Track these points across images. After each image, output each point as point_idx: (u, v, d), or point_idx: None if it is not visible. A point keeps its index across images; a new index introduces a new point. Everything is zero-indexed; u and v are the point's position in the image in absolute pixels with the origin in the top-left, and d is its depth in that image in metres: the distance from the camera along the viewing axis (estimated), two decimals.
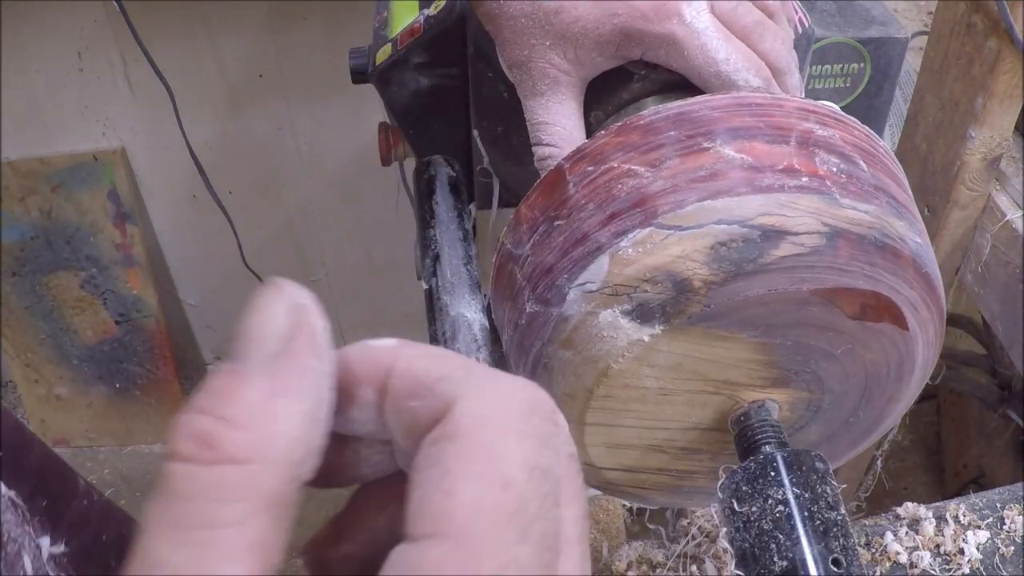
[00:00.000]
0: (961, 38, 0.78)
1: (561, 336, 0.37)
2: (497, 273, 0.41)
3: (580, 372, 0.37)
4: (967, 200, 0.85)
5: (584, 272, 0.36)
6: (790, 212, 0.35)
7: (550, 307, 0.37)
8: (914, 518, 0.59)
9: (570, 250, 0.37)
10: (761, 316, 0.36)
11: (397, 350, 0.22)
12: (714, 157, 0.36)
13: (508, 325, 0.40)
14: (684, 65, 0.44)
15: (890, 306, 0.38)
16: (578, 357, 0.37)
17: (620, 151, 0.37)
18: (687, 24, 0.44)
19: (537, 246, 0.38)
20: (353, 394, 0.22)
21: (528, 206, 0.39)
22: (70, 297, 1.73)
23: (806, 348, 0.39)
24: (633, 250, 0.35)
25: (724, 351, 0.38)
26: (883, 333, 0.40)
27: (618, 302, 0.36)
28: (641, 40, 0.44)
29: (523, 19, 0.46)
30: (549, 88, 0.47)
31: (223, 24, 1.48)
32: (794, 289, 0.35)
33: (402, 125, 0.66)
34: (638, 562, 0.63)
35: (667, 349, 0.37)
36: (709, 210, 0.35)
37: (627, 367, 0.37)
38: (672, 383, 0.38)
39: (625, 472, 0.42)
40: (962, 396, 1.53)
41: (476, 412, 0.20)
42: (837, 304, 0.37)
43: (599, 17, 0.45)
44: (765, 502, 0.36)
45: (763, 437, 0.39)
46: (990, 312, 0.88)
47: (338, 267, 1.86)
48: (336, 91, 1.55)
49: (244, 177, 1.68)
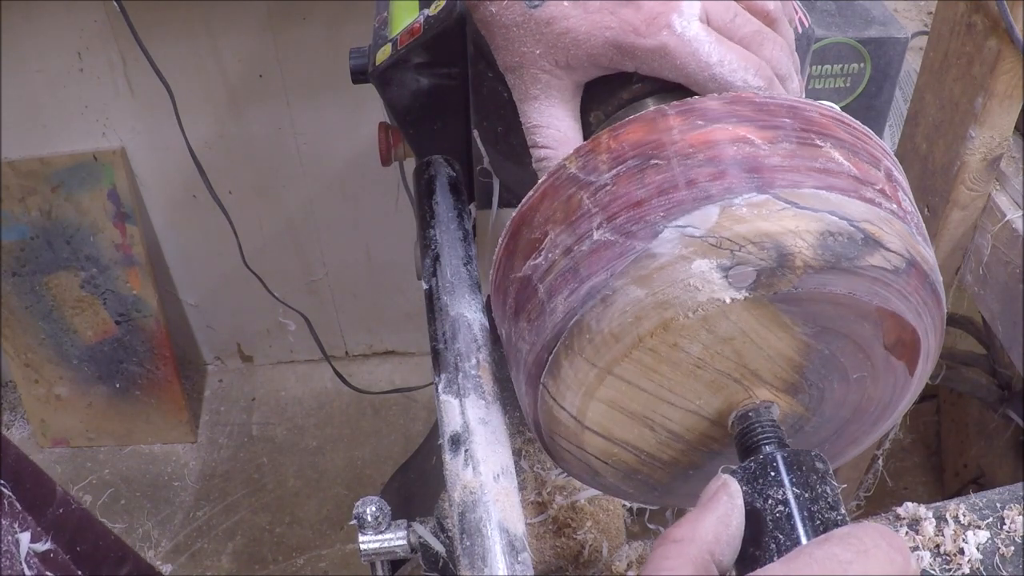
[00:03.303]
0: (961, 38, 0.78)
1: (640, 272, 0.36)
2: (545, 197, 0.40)
3: (642, 315, 0.36)
4: (967, 200, 0.85)
5: (686, 216, 0.36)
6: (886, 228, 0.37)
7: (633, 240, 0.36)
8: (914, 518, 0.59)
9: (670, 191, 0.36)
10: (825, 316, 0.38)
11: None
12: (826, 156, 0.37)
13: (555, 248, 0.38)
14: (678, 74, 0.45)
15: (915, 347, 0.41)
16: (649, 299, 0.36)
17: (733, 117, 0.38)
18: (678, 34, 0.44)
19: (623, 178, 0.37)
20: None
21: (614, 138, 0.39)
22: (70, 297, 1.73)
23: (834, 363, 0.40)
24: (747, 210, 0.35)
25: (774, 340, 0.38)
26: (895, 371, 0.42)
27: (718, 255, 0.35)
28: (633, 54, 0.45)
29: (514, 28, 0.46)
30: (542, 92, 0.47)
31: (223, 24, 1.48)
32: (867, 300, 0.37)
33: (402, 125, 0.66)
34: (638, 562, 0.63)
35: (734, 319, 0.37)
36: (823, 199, 0.36)
37: (692, 324, 0.36)
38: (712, 357, 0.38)
39: (603, 439, 0.42)
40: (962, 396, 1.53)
41: None
42: (884, 328, 0.39)
43: (590, 30, 0.45)
44: (765, 502, 0.36)
45: (763, 437, 0.39)
46: (990, 312, 0.88)
47: (338, 267, 1.86)
48: (336, 91, 1.56)
49: (244, 177, 1.68)
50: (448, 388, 0.49)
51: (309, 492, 1.78)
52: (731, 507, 0.35)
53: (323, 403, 1.95)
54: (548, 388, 0.40)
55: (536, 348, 0.40)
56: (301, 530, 1.72)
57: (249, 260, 1.64)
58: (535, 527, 0.64)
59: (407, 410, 1.92)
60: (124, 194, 1.65)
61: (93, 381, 1.82)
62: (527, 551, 0.43)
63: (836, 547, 0.32)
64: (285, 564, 1.66)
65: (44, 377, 1.81)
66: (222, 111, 1.59)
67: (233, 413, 1.94)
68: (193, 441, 1.88)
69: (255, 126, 1.61)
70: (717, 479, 0.37)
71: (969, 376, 1.21)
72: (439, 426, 0.48)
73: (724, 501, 0.36)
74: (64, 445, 1.88)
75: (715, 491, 0.36)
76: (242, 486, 1.80)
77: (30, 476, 0.64)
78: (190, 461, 1.85)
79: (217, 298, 1.89)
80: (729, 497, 0.36)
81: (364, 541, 0.49)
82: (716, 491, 0.36)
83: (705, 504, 0.36)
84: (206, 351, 2.01)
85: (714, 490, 0.36)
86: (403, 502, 0.78)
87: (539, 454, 0.66)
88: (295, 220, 1.78)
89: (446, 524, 0.49)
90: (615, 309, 0.37)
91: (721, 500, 0.36)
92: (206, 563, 1.67)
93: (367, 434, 1.88)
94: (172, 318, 1.87)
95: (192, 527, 1.73)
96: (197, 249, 1.79)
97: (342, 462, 1.83)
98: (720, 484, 0.37)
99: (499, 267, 0.43)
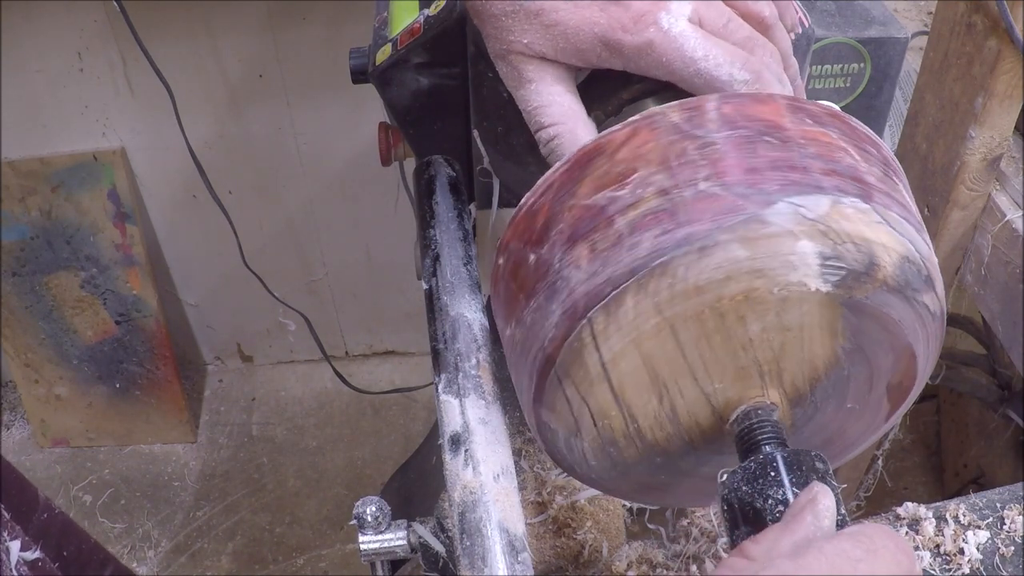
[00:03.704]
0: (961, 38, 0.78)
1: (748, 234, 0.36)
2: (637, 134, 0.39)
3: (734, 276, 0.36)
4: (967, 200, 0.85)
5: (801, 196, 0.36)
6: (935, 273, 0.40)
7: (746, 201, 0.36)
8: (914, 518, 0.59)
9: (785, 170, 0.37)
10: (868, 336, 0.39)
11: None
12: (900, 193, 0.40)
13: (646, 186, 0.38)
14: (665, 71, 0.45)
15: (906, 394, 0.44)
16: (747, 262, 0.36)
17: (835, 128, 0.40)
18: (664, 31, 0.44)
19: (735, 143, 0.38)
20: None
21: (726, 103, 0.39)
22: (70, 297, 1.73)
23: (843, 386, 0.42)
24: (853, 212, 0.37)
25: (817, 344, 0.39)
26: (878, 412, 0.45)
27: (823, 243, 0.36)
28: (620, 51, 0.45)
29: (504, 17, 0.46)
30: (536, 74, 0.47)
31: (223, 24, 1.48)
32: (906, 333, 0.40)
33: (402, 125, 0.66)
34: (638, 562, 0.63)
35: (805, 310, 0.37)
36: (904, 228, 0.39)
37: (769, 301, 0.37)
38: (762, 342, 0.39)
39: (612, 397, 0.40)
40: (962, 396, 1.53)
41: None
42: (898, 367, 0.42)
43: (579, 24, 0.45)
44: (765, 502, 0.36)
45: (763, 437, 0.39)
46: (990, 312, 0.88)
47: (338, 267, 1.86)
48: (336, 91, 1.56)
49: (244, 177, 1.68)
50: (448, 388, 0.49)
51: (309, 492, 1.78)
52: (815, 530, 0.34)
53: (323, 403, 1.95)
54: (594, 324, 0.38)
55: (597, 279, 0.38)
56: (301, 530, 1.72)
57: (249, 260, 1.64)
58: (535, 527, 0.64)
59: (407, 410, 1.92)
60: (124, 194, 1.65)
61: (93, 381, 1.82)
62: (527, 551, 0.43)
63: (847, 543, 0.32)
64: (285, 564, 1.66)
65: (44, 377, 1.81)
66: (222, 111, 1.59)
67: (233, 413, 1.94)
68: (193, 441, 1.88)
69: (255, 126, 1.61)
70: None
71: (969, 376, 1.21)
72: (439, 426, 0.48)
73: (808, 523, 0.34)
74: (64, 445, 1.88)
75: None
76: (242, 486, 1.80)
77: (15, 483, 0.64)
78: (190, 461, 1.85)
79: (217, 298, 1.89)
80: (815, 518, 0.34)
81: (364, 541, 0.49)
82: (803, 508, 0.35)
83: (788, 522, 0.34)
84: (206, 351, 2.01)
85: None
86: (403, 502, 0.78)
87: (539, 454, 0.66)
88: (295, 220, 1.78)
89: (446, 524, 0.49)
90: (710, 262, 0.36)
91: (804, 521, 0.34)
92: (206, 563, 1.67)
93: (367, 434, 1.88)
94: (172, 318, 1.87)
95: (192, 527, 1.73)
96: (197, 249, 1.79)
97: (342, 462, 1.83)
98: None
99: (548, 191, 0.41)
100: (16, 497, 0.63)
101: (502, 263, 0.43)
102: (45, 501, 0.67)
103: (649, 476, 0.45)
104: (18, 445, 1.89)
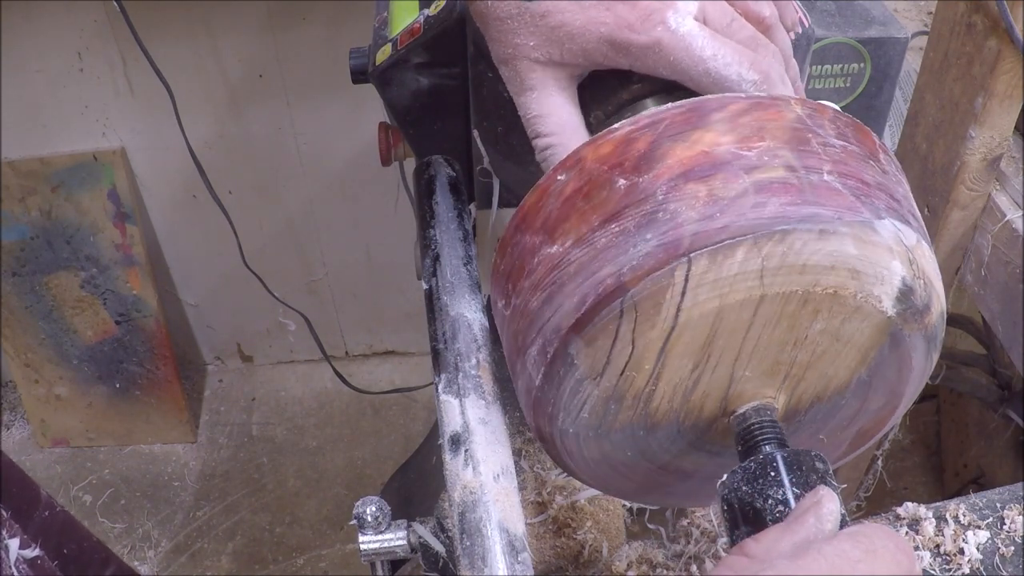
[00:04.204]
0: (961, 38, 0.78)
1: (861, 235, 0.37)
2: (759, 107, 0.39)
3: (836, 268, 0.37)
4: (967, 200, 0.85)
5: (901, 223, 0.39)
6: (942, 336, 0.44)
7: (861, 207, 0.38)
8: (914, 518, 0.59)
9: (887, 196, 0.39)
10: (882, 372, 0.42)
11: None
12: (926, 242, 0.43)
13: (773, 157, 0.38)
14: (672, 70, 0.44)
15: (861, 443, 0.47)
16: (852, 260, 0.37)
17: (895, 166, 0.42)
18: (672, 30, 0.44)
19: (850, 154, 0.39)
20: None
21: (839, 117, 0.40)
22: (70, 297, 1.73)
23: (831, 415, 0.44)
24: (929, 253, 0.40)
25: (844, 364, 0.41)
26: (835, 451, 0.47)
27: (909, 270, 0.39)
28: (627, 50, 0.44)
29: (509, 20, 0.46)
30: (539, 82, 0.47)
31: (223, 24, 1.48)
32: (909, 380, 0.43)
33: (402, 125, 0.66)
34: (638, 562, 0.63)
35: (862, 325, 0.39)
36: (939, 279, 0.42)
37: (845, 307, 0.38)
38: (814, 344, 0.40)
39: (657, 351, 0.39)
40: (962, 396, 1.53)
41: None
42: (880, 412, 0.45)
43: (585, 24, 0.45)
44: (765, 502, 0.36)
45: (763, 437, 0.39)
46: (990, 312, 0.88)
47: (338, 267, 1.86)
48: (336, 91, 1.55)
49: (244, 177, 1.68)
50: (448, 388, 0.49)
51: (309, 492, 1.78)
52: (816, 532, 0.34)
53: (323, 403, 1.95)
54: (693, 265, 0.36)
55: (713, 223, 0.36)
56: (301, 530, 1.72)
57: (249, 260, 1.64)
58: (535, 527, 0.64)
59: (407, 410, 1.92)
60: (124, 194, 1.65)
61: (93, 381, 1.82)
62: (527, 551, 0.43)
63: (846, 544, 0.32)
64: (285, 564, 1.66)
65: (44, 377, 1.81)
66: (222, 111, 1.59)
67: (233, 413, 1.94)
68: (193, 441, 1.88)
69: (255, 126, 1.61)
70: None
71: (969, 376, 1.21)
72: (439, 426, 0.48)
73: (810, 525, 0.34)
74: (64, 445, 1.88)
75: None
76: (242, 486, 1.80)
77: (17, 481, 0.64)
78: (190, 461, 1.85)
79: (217, 298, 1.89)
80: (818, 521, 0.34)
81: (364, 541, 0.49)
82: (807, 510, 0.35)
83: (790, 523, 0.34)
84: (206, 351, 2.01)
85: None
86: (403, 502, 0.78)
87: (539, 454, 0.66)
88: (295, 220, 1.78)
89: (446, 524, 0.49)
90: (825, 246, 0.37)
91: (807, 523, 0.34)
92: (206, 563, 1.67)
93: (367, 434, 1.88)
94: (172, 318, 1.87)
95: (192, 527, 1.73)
96: (197, 249, 1.79)
97: (342, 462, 1.83)
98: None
99: (654, 125, 0.39)
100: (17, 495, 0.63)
101: (563, 179, 0.40)
102: (47, 499, 0.67)
103: (618, 451, 0.44)
104: (18, 445, 1.89)
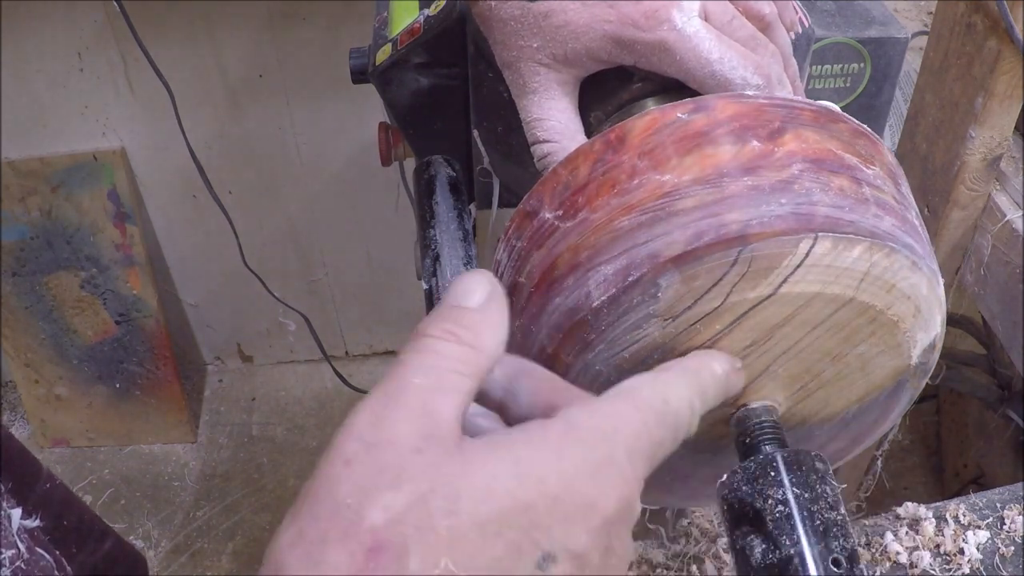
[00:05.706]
0: (961, 38, 0.78)
1: (932, 279, 0.40)
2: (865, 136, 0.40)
3: (891, 286, 0.38)
4: (967, 200, 0.85)
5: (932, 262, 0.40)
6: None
7: (907, 237, 0.39)
8: (914, 518, 0.59)
9: (926, 242, 0.41)
10: (867, 416, 0.44)
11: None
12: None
13: (886, 182, 0.39)
14: (678, 70, 0.44)
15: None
16: (903, 282, 0.38)
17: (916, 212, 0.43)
18: (678, 29, 0.43)
19: (911, 206, 0.41)
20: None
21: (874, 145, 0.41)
22: (70, 297, 1.73)
23: (809, 441, 0.44)
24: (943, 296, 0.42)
25: (848, 395, 0.43)
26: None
27: (941, 324, 0.42)
28: (632, 48, 0.44)
29: (512, 22, 0.46)
30: (541, 86, 0.47)
31: (223, 24, 1.48)
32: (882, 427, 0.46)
33: (402, 125, 0.66)
34: (638, 562, 0.63)
35: (888, 364, 0.41)
36: None
37: (896, 338, 0.40)
38: (844, 364, 0.41)
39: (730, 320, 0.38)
40: (962, 396, 1.53)
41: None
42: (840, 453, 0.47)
43: (589, 23, 0.44)
44: (765, 502, 0.36)
45: (763, 437, 0.39)
46: (990, 312, 0.88)
47: (338, 267, 1.86)
48: (336, 91, 1.56)
49: (244, 177, 1.68)
50: None
51: None
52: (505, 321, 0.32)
53: (323, 403, 1.95)
54: (818, 244, 0.36)
55: (843, 214, 0.37)
56: None
57: (249, 260, 1.64)
58: None
59: None
60: (124, 194, 1.65)
61: (93, 381, 1.82)
62: None
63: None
64: None
65: (44, 377, 1.81)
66: (222, 111, 1.59)
67: (233, 413, 1.94)
68: (193, 441, 1.88)
69: (255, 126, 1.61)
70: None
71: (969, 376, 1.21)
72: None
73: (503, 313, 0.32)
74: (64, 445, 1.88)
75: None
76: (242, 486, 1.80)
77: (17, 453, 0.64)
78: (190, 461, 1.85)
79: (217, 298, 1.89)
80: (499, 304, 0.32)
81: None
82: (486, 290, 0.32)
83: (486, 310, 0.32)
84: (206, 351, 2.01)
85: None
86: None
87: None
88: (295, 220, 1.78)
89: None
90: (911, 278, 0.39)
91: (501, 312, 0.32)
92: (206, 563, 1.67)
93: None
94: (172, 318, 1.87)
95: (192, 527, 1.73)
96: (197, 249, 1.79)
97: None
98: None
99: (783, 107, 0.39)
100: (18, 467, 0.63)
101: (685, 117, 0.39)
102: (47, 472, 0.68)
103: None
104: None
